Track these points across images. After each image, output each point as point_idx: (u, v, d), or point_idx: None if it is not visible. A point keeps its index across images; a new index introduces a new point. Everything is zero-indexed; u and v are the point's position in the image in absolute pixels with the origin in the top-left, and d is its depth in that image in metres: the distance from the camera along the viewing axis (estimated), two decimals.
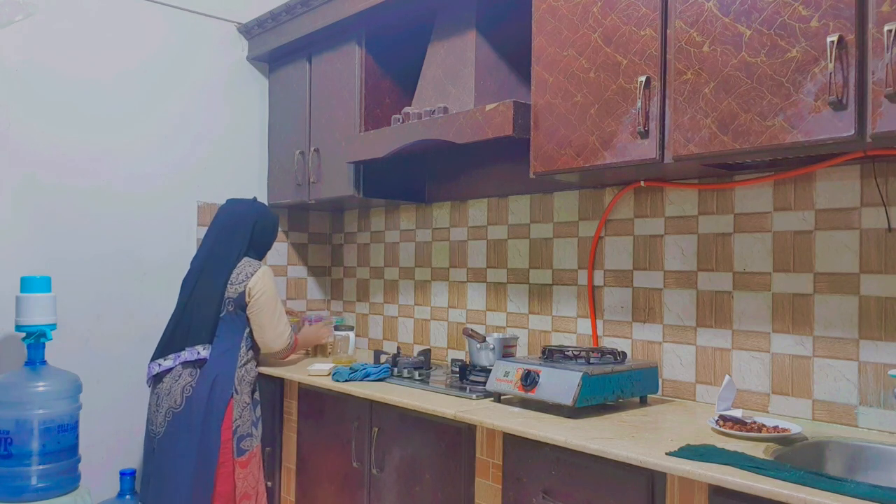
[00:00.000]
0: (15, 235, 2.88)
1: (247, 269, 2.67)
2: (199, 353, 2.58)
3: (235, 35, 3.51)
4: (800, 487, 1.37)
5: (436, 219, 3.23)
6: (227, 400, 2.55)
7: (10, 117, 2.87)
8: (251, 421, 2.62)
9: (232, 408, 2.55)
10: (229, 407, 2.55)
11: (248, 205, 2.84)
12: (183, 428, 2.53)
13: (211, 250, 2.72)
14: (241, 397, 2.59)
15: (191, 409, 2.53)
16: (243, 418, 2.59)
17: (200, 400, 2.53)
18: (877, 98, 1.53)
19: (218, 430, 2.52)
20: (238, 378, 2.59)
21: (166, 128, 3.28)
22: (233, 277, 2.65)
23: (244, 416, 2.59)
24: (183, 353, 2.59)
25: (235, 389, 2.58)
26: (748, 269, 2.15)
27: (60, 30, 2.99)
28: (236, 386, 2.58)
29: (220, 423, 2.52)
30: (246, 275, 2.66)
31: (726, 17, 1.78)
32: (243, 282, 2.64)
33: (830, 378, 1.97)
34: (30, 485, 2.58)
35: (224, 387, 2.56)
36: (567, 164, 2.14)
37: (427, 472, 2.21)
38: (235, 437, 2.56)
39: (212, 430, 2.52)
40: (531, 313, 2.78)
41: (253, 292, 2.65)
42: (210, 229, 2.80)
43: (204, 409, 2.52)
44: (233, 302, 2.64)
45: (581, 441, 1.74)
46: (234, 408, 2.56)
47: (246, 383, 2.62)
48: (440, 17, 2.78)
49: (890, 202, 1.88)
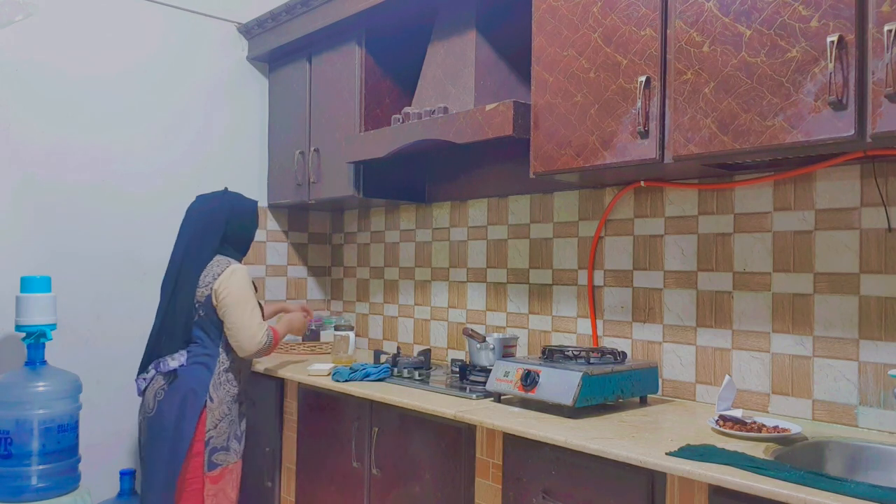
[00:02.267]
0: (15, 235, 2.88)
1: (214, 270, 2.48)
2: (168, 364, 2.43)
3: (235, 35, 3.52)
4: (800, 487, 1.37)
5: (436, 219, 3.23)
6: (198, 409, 2.40)
7: (10, 116, 2.88)
8: (231, 434, 2.48)
9: (205, 418, 2.41)
10: (202, 417, 2.41)
11: (219, 199, 2.63)
12: (155, 434, 2.42)
13: (185, 253, 2.54)
14: (216, 407, 2.44)
15: (161, 414, 2.40)
16: (219, 430, 2.44)
17: (172, 406, 2.40)
18: (877, 98, 1.53)
19: (188, 441, 2.37)
20: (214, 386, 2.44)
21: (166, 127, 3.28)
22: (201, 280, 2.47)
23: (220, 427, 2.45)
24: (161, 362, 2.46)
25: (210, 398, 2.43)
26: (748, 269, 2.15)
27: (61, 29, 2.99)
28: (211, 394, 2.43)
29: (192, 434, 2.38)
30: (213, 276, 2.47)
31: (726, 17, 1.78)
32: (209, 284, 2.46)
33: (830, 378, 1.97)
34: (30, 485, 2.58)
35: (197, 395, 2.41)
36: (567, 164, 2.14)
37: (427, 472, 2.21)
38: (207, 450, 2.41)
39: (181, 440, 2.37)
40: (531, 313, 2.78)
41: (219, 294, 2.45)
42: (181, 231, 2.61)
43: (175, 417, 2.39)
44: (202, 306, 2.46)
45: (581, 441, 1.74)
46: (208, 418, 2.42)
47: (225, 392, 2.47)
48: (440, 17, 2.78)
49: (890, 202, 1.88)
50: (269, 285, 3.63)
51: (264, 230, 3.61)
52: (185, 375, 2.43)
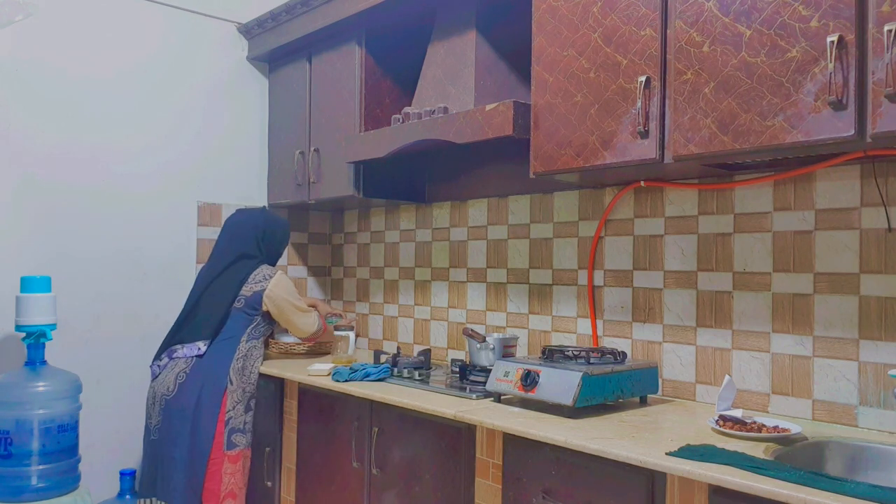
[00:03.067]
0: (15, 235, 2.88)
1: (264, 272, 2.79)
2: (199, 349, 2.63)
3: (235, 35, 3.51)
4: (800, 487, 1.37)
5: (436, 219, 3.23)
6: (221, 389, 2.60)
7: (10, 117, 2.88)
8: (243, 419, 2.66)
9: (226, 398, 2.61)
10: (224, 397, 2.60)
11: (255, 214, 2.95)
12: (176, 415, 2.57)
13: (220, 258, 2.81)
14: (235, 389, 2.64)
15: (183, 395, 2.57)
16: (236, 411, 2.63)
17: (194, 387, 2.57)
18: (877, 98, 1.53)
19: (211, 419, 2.56)
20: (234, 370, 2.65)
21: (166, 127, 3.28)
22: (251, 277, 2.76)
23: (237, 409, 2.64)
24: (181, 348, 2.64)
25: (230, 380, 2.63)
26: (748, 269, 2.15)
27: (61, 29, 2.99)
28: (231, 377, 2.64)
29: (216, 412, 2.57)
30: (263, 277, 2.77)
31: (726, 17, 1.78)
32: (260, 283, 2.76)
33: (830, 378, 1.97)
34: (30, 485, 2.58)
35: (219, 376, 2.61)
36: (567, 164, 2.14)
37: (427, 472, 2.21)
38: (227, 429, 2.59)
39: (204, 418, 2.56)
40: (531, 313, 2.78)
41: (272, 301, 2.77)
42: (218, 240, 2.91)
43: (197, 396, 2.57)
44: (246, 300, 2.73)
45: (581, 441, 1.74)
46: (228, 399, 2.61)
47: (244, 377, 2.68)
48: (440, 17, 2.78)
49: (890, 202, 1.88)
50: None
51: None
52: (209, 360, 2.63)
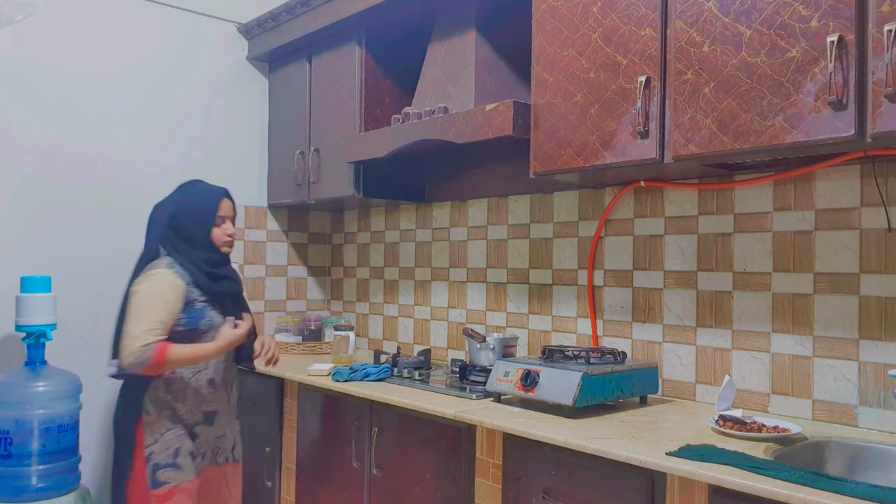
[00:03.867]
0: (15, 235, 2.88)
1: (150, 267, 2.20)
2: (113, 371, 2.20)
3: (235, 35, 3.51)
4: (800, 487, 1.37)
5: (436, 219, 3.23)
6: (133, 419, 2.16)
7: (10, 117, 2.87)
8: (177, 450, 2.16)
9: (142, 430, 2.15)
10: (138, 428, 2.15)
11: (167, 198, 2.32)
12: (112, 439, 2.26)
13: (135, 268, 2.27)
14: (152, 420, 2.16)
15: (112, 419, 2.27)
16: (160, 445, 2.15)
17: (116, 413, 2.24)
18: (877, 98, 1.53)
19: (126, 454, 2.15)
20: (152, 399, 2.17)
21: (166, 127, 3.28)
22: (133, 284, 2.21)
23: (161, 442, 2.15)
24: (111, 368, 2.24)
25: (146, 411, 2.16)
26: (748, 269, 2.15)
27: (61, 29, 2.99)
28: (146, 407, 2.16)
29: (130, 447, 2.15)
30: (145, 274, 2.18)
31: (726, 17, 1.78)
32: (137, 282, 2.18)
33: (830, 378, 1.97)
34: (30, 485, 2.58)
35: (131, 403, 2.18)
36: (567, 164, 2.14)
37: (427, 472, 2.21)
38: (149, 465, 2.13)
39: (119, 452, 2.19)
40: (531, 313, 2.78)
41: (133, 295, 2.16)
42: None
43: (116, 424, 2.22)
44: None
45: (581, 441, 1.74)
46: (146, 431, 2.15)
47: (163, 406, 2.17)
48: (440, 17, 2.78)
49: (890, 202, 1.88)
50: (269, 285, 3.63)
51: (264, 230, 3.61)
52: (123, 387, 2.25)
